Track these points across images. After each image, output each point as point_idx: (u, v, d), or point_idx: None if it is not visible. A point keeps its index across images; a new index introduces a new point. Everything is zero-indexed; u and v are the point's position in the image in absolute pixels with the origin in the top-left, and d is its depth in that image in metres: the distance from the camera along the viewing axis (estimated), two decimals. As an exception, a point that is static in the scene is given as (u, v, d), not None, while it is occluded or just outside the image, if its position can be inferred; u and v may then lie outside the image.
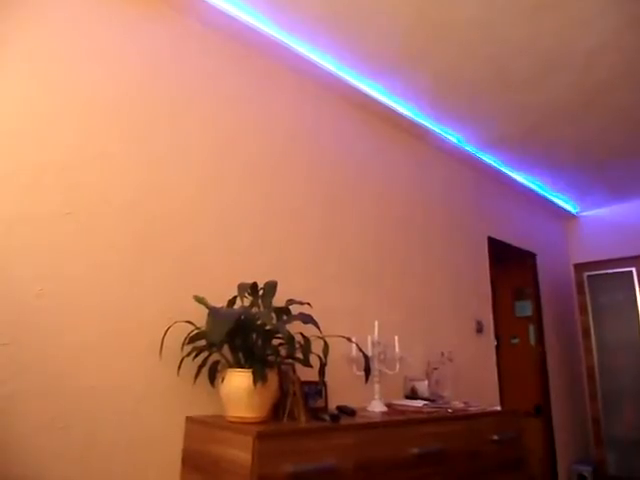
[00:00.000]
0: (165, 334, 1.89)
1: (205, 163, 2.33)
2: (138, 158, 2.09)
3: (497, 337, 4.06)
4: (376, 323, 2.62)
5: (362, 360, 2.18)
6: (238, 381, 1.77)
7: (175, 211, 2.16)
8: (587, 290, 4.70)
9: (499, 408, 2.92)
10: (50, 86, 1.89)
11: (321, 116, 2.99)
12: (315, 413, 1.99)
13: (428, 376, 3.02)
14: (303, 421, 1.86)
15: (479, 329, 3.82)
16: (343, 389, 2.50)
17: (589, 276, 4.71)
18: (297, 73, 2.84)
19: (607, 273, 4.61)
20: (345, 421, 1.97)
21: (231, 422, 1.79)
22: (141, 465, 1.83)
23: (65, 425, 1.68)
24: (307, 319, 1.94)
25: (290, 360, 1.97)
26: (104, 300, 1.87)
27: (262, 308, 1.99)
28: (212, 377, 1.95)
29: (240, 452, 1.60)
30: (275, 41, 2.60)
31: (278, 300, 2.04)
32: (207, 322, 1.78)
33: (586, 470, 4.46)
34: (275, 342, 1.95)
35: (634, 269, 4.44)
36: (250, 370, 1.76)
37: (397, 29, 2.57)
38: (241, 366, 1.84)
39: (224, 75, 2.51)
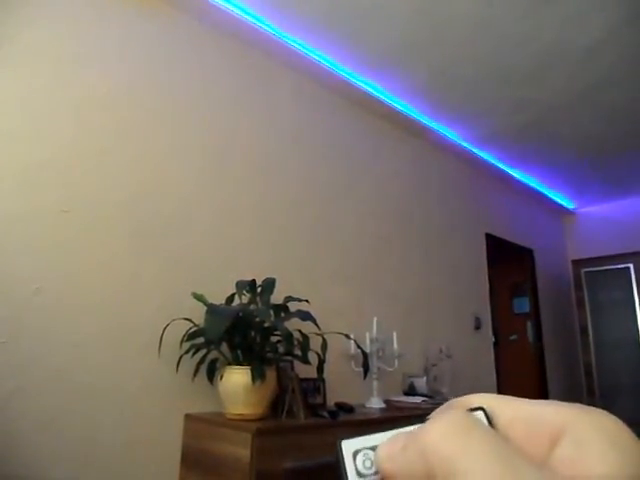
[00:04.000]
0: (164, 331, 1.89)
1: (203, 160, 2.32)
2: (136, 156, 2.09)
3: (495, 334, 4.07)
4: (374, 320, 2.63)
5: (360, 357, 2.19)
6: (237, 378, 1.78)
7: (173, 208, 2.16)
8: (585, 286, 4.72)
9: (497, 404, 2.92)
10: (47, 84, 1.89)
11: (319, 114, 2.98)
12: (314, 410, 1.99)
13: (427, 372, 3.03)
14: (302, 418, 1.87)
15: (477, 326, 3.83)
16: (341, 386, 2.51)
17: (587, 272, 4.73)
18: (295, 71, 2.84)
19: (605, 269, 4.63)
20: (343, 418, 1.98)
21: (230, 419, 1.79)
22: (140, 462, 1.83)
23: (64, 423, 1.68)
24: (305, 316, 1.94)
25: (289, 357, 1.98)
26: (102, 298, 1.87)
27: (260, 305, 1.99)
28: (211, 374, 1.95)
29: (239, 449, 1.60)
30: (273, 39, 2.60)
31: (276, 297, 2.04)
32: (205, 319, 1.78)
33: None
34: (273, 339, 1.96)
35: (632, 265, 4.45)
36: (249, 367, 1.76)
37: (394, 26, 2.57)
38: (240, 363, 1.84)
39: (221, 73, 2.51)
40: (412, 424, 0.20)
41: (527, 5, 2.41)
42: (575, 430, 0.18)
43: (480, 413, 0.19)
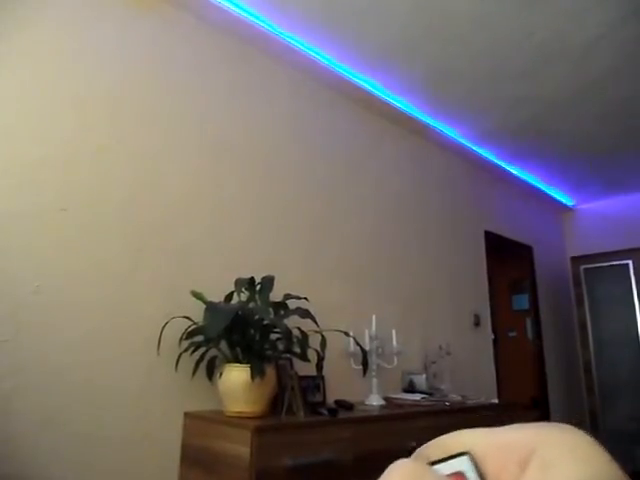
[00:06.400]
0: (163, 330, 1.89)
1: (201, 158, 2.32)
2: (134, 154, 2.08)
3: (494, 331, 4.07)
4: (373, 317, 2.63)
5: (360, 354, 2.18)
6: (236, 376, 1.78)
7: (171, 206, 2.15)
8: (584, 283, 4.72)
9: (496, 401, 2.94)
10: (45, 82, 1.88)
11: (317, 111, 2.98)
12: (313, 407, 2.00)
13: (426, 370, 3.03)
14: (301, 415, 1.87)
15: (476, 323, 3.83)
16: (341, 383, 2.51)
17: (586, 269, 4.73)
18: (292, 68, 2.83)
19: (604, 266, 4.63)
20: (343, 415, 1.98)
21: (229, 417, 1.79)
22: (140, 461, 1.83)
23: (63, 421, 1.68)
24: (304, 314, 1.94)
25: (288, 355, 1.98)
26: (101, 296, 1.87)
27: (259, 303, 1.99)
28: (210, 372, 1.95)
29: (239, 446, 1.60)
30: (270, 36, 2.59)
31: (275, 295, 2.04)
32: (205, 317, 1.78)
33: (583, 462, 4.48)
34: (273, 337, 1.96)
35: (630, 262, 4.45)
36: (248, 365, 1.76)
37: (392, 23, 2.56)
38: (239, 361, 1.84)
39: (220, 70, 2.50)
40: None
41: (525, 2, 2.41)
42: (542, 452, 0.18)
43: (465, 458, 0.19)
